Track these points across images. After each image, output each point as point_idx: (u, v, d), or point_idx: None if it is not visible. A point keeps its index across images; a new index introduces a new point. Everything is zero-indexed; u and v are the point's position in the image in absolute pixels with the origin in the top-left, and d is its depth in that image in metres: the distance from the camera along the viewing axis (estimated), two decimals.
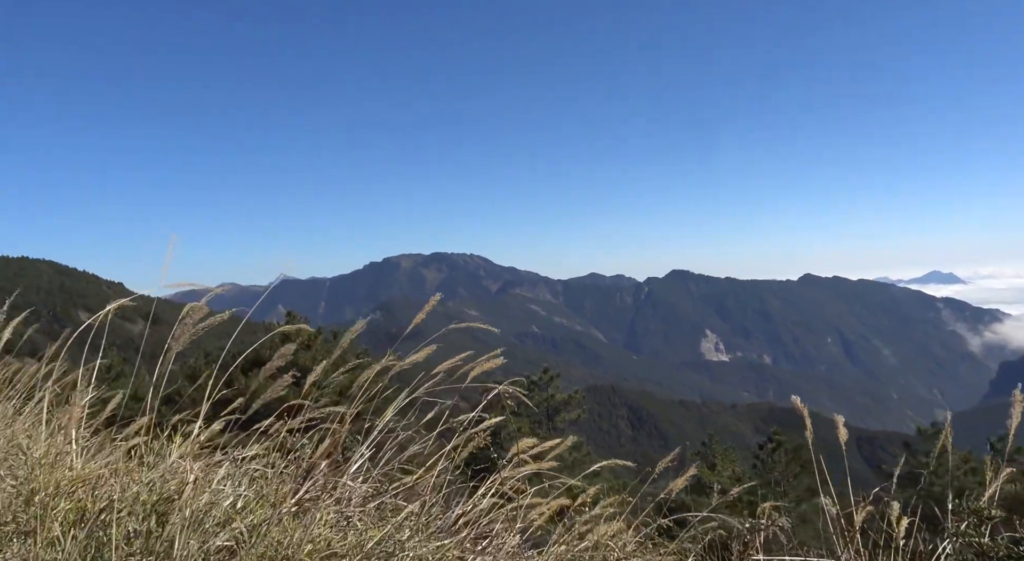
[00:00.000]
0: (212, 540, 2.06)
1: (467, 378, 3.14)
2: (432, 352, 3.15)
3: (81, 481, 2.27)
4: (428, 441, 2.91)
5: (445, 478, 2.72)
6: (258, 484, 2.52)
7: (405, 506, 2.60)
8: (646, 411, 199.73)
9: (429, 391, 2.89)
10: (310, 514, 2.28)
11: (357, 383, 2.76)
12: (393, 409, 2.76)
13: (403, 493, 2.73)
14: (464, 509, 2.63)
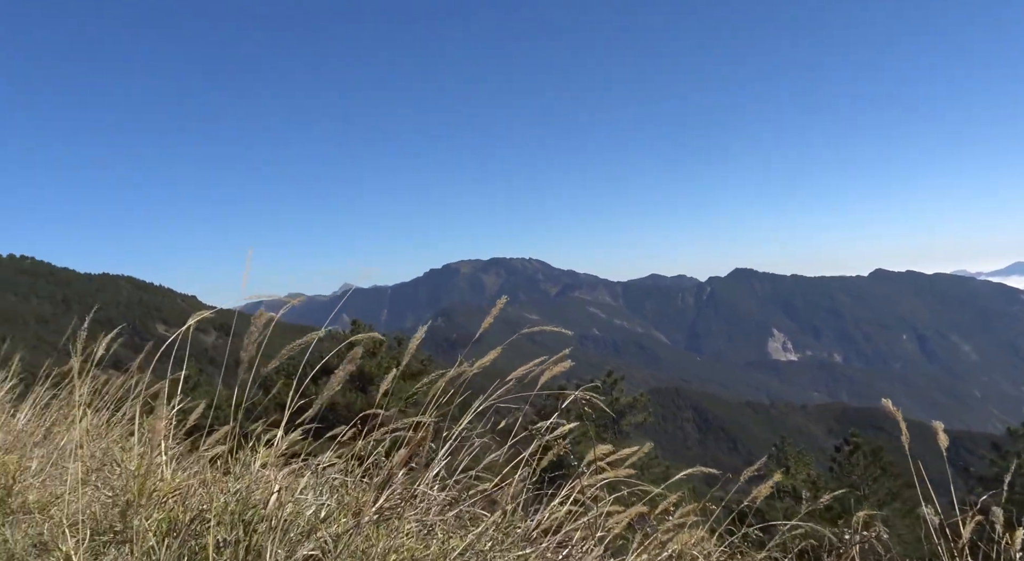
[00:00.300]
0: (299, 549, 2.08)
1: (537, 384, 3.12)
2: (496, 357, 3.14)
3: (172, 491, 2.33)
4: (504, 449, 2.90)
5: (524, 486, 2.70)
6: (339, 493, 2.55)
7: (484, 514, 2.60)
8: (712, 413, 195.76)
9: (502, 398, 2.88)
10: (391, 523, 2.29)
11: (432, 391, 2.77)
12: (469, 416, 2.76)
13: (481, 501, 2.72)
14: (542, 517, 2.61)
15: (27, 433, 5.52)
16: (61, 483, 4.05)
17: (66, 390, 6.04)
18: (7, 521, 3.28)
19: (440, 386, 2.85)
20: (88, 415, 3.34)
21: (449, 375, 2.84)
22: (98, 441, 3.29)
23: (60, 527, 2.59)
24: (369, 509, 2.33)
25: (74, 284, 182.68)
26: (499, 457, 2.88)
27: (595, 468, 2.85)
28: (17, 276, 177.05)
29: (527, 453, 2.79)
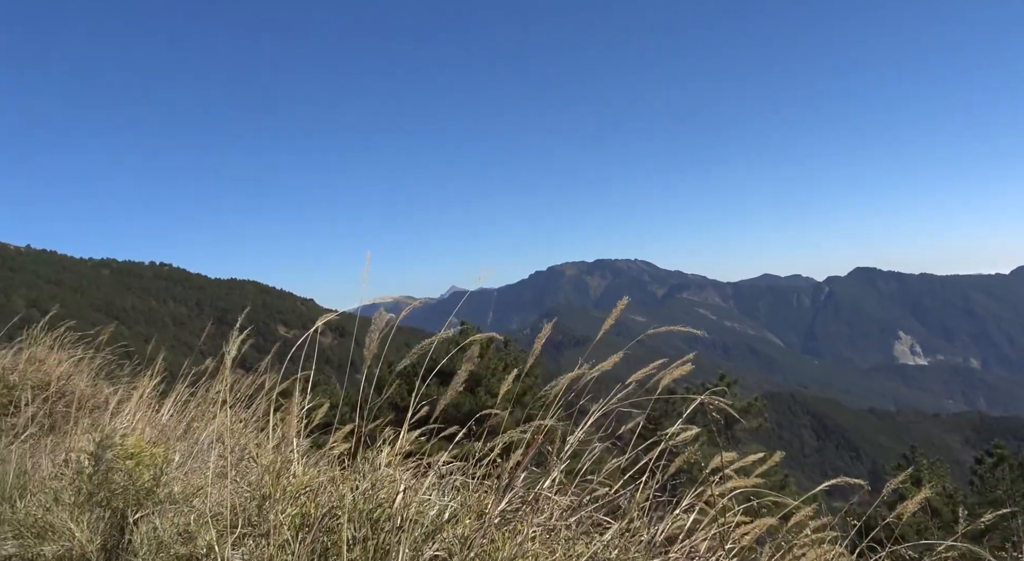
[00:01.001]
0: (425, 549, 2.10)
1: (656, 387, 3.03)
2: (591, 358, 3.08)
3: (304, 488, 2.42)
4: (625, 453, 2.83)
5: (648, 493, 2.62)
6: (461, 494, 2.56)
7: (607, 521, 2.54)
8: (832, 420, 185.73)
9: (623, 402, 2.81)
10: (513, 526, 2.28)
11: (552, 393, 2.74)
12: (589, 420, 2.71)
13: (603, 507, 2.66)
14: (666, 526, 2.52)
15: (170, 428, 5.95)
16: (201, 476, 4.32)
17: (203, 388, 6.47)
18: (156, 510, 3.53)
19: (560, 388, 2.81)
20: (228, 413, 3.54)
21: (570, 377, 2.80)
22: (233, 437, 3.47)
23: (203, 518, 2.76)
24: (492, 512, 2.32)
25: (206, 288, 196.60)
26: (621, 462, 2.81)
27: (721, 476, 2.73)
28: (157, 281, 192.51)
29: (651, 458, 2.71)
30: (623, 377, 3.21)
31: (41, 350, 10.65)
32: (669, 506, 2.70)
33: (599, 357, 3.11)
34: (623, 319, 3.02)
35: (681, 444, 2.69)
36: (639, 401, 3.06)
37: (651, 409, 3.10)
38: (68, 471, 4.58)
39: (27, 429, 7.24)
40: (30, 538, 3.74)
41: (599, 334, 2.81)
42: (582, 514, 2.56)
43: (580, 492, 2.80)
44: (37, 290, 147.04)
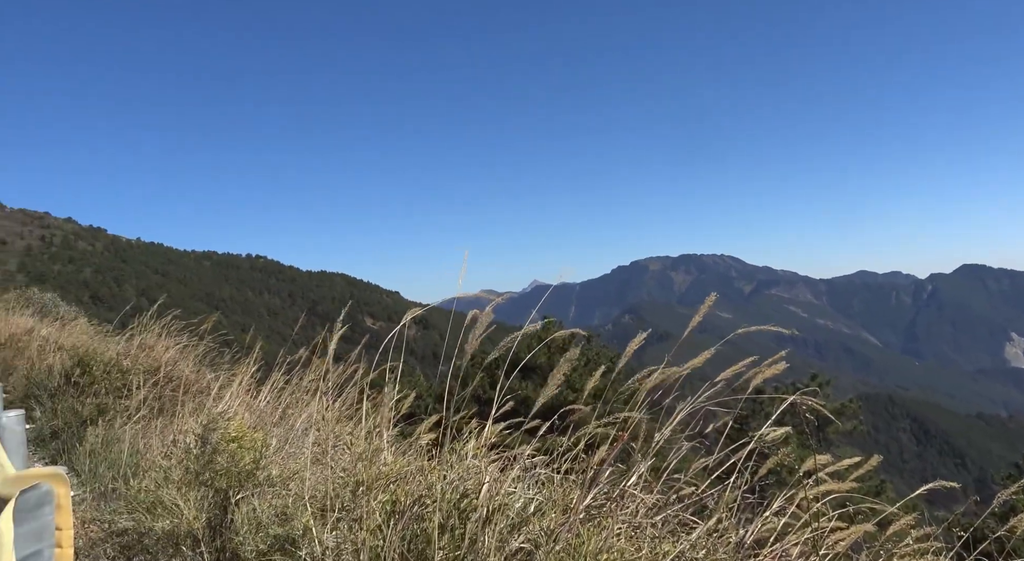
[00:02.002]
0: (512, 541, 2.14)
1: (746, 386, 2.95)
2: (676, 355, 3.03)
3: (394, 476, 2.49)
4: (712, 453, 2.78)
5: (737, 494, 2.56)
6: (547, 488, 2.59)
7: (693, 521, 2.50)
8: (934, 424, 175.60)
9: (711, 401, 2.76)
10: (596, 521, 2.28)
11: (642, 390, 2.72)
12: (676, 418, 2.67)
13: (690, 507, 2.63)
14: (756, 528, 2.46)
15: (267, 414, 6.24)
16: (296, 461, 4.52)
17: (297, 377, 6.75)
18: (255, 491, 3.72)
19: (646, 386, 2.79)
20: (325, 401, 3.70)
21: (655, 375, 2.77)
22: (325, 424, 3.62)
23: (300, 501, 2.89)
24: (578, 506, 2.33)
25: (298, 280, 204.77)
26: (708, 462, 2.76)
27: (814, 479, 2.63)
28: (253, 273, 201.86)
29: (739, 458, 2.65)
30: (708, 375, 3.15)
31: (150, 337, 11.38)
32: (758, 508, 2.64)
33: (683, 354, 3.05)
34: (709, 316, 2.99)
35: (771, 445, 2.61)
36: (726, 400, 3.00)
37: (739, 409, 3.03)
38: (177, 451, 4.89)
39: (139, 411, 7.76)
40: (142, 513, 4.01)
41: (685, 331, 2.76)
42: (668, 513, 2.54)
43: (666, 490, 2.77)
44: (146, 280, 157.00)
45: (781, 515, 2.62)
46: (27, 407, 7.95)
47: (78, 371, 9.38)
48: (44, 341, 13.21)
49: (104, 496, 5.29)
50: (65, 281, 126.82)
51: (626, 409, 3.05)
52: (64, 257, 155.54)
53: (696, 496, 2.67)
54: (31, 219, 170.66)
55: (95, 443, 6.60)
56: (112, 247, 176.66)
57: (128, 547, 4.17)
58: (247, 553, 3.25)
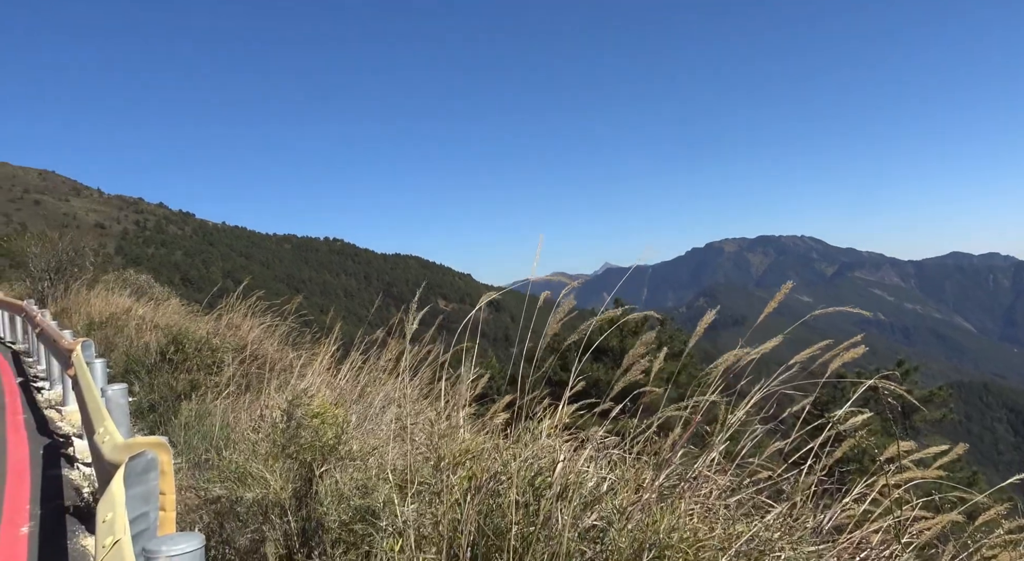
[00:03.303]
0: (585, 518, 2.18)
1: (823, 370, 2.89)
2: (752, 339, 2.97)
3: (470, 453, 2.57)
4: (788, 437, 2.74)
5: (814, 479, 2.52)
6: (619, 468, 2.61)
7: (768, 503, 2.48)
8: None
9: (787, 385, 2.71)
10: (669, 502, 2.29)
11: (715, 372, 2.70)
12: (750, 401, 2.65)
13: (765, 490, 2.61)
14: (834, 513, 2.42)
15: (346, 391, 6.48)
16: (375, 437, 4.69)
17: (374, 357, 6.97)
18: (338, 465, 3.89)
19: (722, 367, 2.76)
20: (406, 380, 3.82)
21: (731, 357, 2.74)
22: (405, 402, 3.74)
23: (381, 474, 3.01)
24: (650, 486, 2.35)
25: (373, 263, 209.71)
26: (784, 446, 2.72)
27: (898, 466, 2.56)
28: (331, 256, 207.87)
29: (816, 443, 2.60)
30: (785, 359, 3.09)
31: (237, 317, 11.92)
32: (837, 494, 2.59)
33: (760, 338, 3.01)
34: (788, 299, 2.90)
35: (850, 429, 2.55)
36: (803, 384, 2.94)
37: (817, 393, 2.97)
38: (264, 426, 5.14)
39: (228, 387, 8.18)
40: (234, 483, 4.25)
41: (761, 315, 2.72)
42: (742, 495, 2.52)
43: (740, 473, 2.75)
44: (231, 262, 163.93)
45: (861, 502, 2.56)
46: (127, 381, 8.50)
47: (172, 349, 9.94)
48: (141, 320, 14.03)
49: (198, 466, 5.61)
50: (158, 263, 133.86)
51: (699, 392, 3.04)
52: (157, 240, 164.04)
53: (771, 480, 2.64)
54: (127, 205, 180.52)
55: (189, 416, 7.00)
56: (200, 231, 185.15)
57: (221, 514, 4.43)
58: (331, 522, 3.41)
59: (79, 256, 20.04)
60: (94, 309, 15.52)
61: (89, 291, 17.85)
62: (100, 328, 13.63)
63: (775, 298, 2.65)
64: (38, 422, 7.57)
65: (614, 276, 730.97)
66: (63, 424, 7.81)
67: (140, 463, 2.49)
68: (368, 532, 3.03)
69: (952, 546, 2.47)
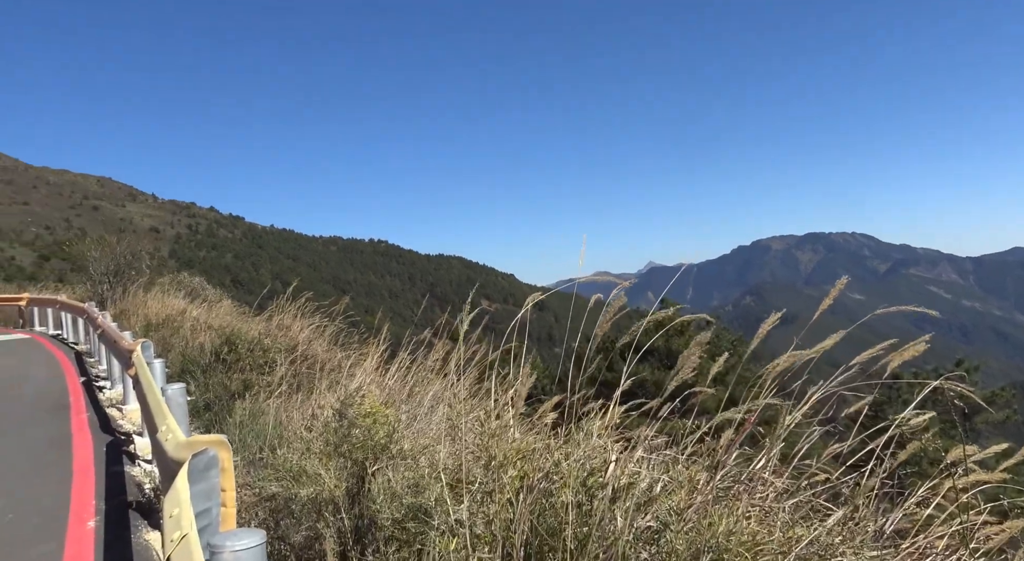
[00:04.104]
0: (639, 519, 2.16)
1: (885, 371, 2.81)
2: (803, 338, 2.91)
3: (521, 453, 2.58)
4: (846, 439, 2.68)
5: (875, 482, 2.46)
6: (673, 469, 2.59)
7: (827, 507, 2.43)
8: None
9: (845, 385, 2.65)
10: (727, 503, 2.26)
11: (770, 373, 2.66)
12: (807, 402, 2.60)
13: (823, 493, 2.55)
14: (896, 517, 2.36)
15: (395, 391, 6.56)
16: (425, 436, 4.74)
17: (421, 357, 7.05)
18: (390, 464, 3.95)
19: (777, 369, 2.72)
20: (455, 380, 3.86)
21: (787, 359, 2.70)
22: (456, 401, 3.77)
23: (433, 473, 3.04)
24: (704, 488, 2.33)
25: (417, 263, 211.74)
26: (841, 448, 2.66)
27: (963, 470, 2.48)
28: (375, 257, 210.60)
29: (877, 445, 2.54)
30: (837, 359, 3.02)
31: (287, 318, 12.17)
32: (898, 498, 2.52)
33: (810, 337, 2.94)
34: (839, 296, 2.83)
35: (912, 431, 2.48)
36: (859, 385, 2.87)
37: (875, 394, 2.89)
38: (317, 424, 5.24)
39: (280, 386, 8.36)
40: (289, 481, 4.35)
41: (816, 313, 2.66)
42: (800, 498, 2.48)
43: (796, 476, 2.70)
44: (279, 264, 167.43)
45: (924, 506, 2.49)
46: (183, 381, 8.75)
47: (226, 349, 10.20)
48: (195, 321, 14.44)
49: (252, 463, 5.75)
50: (209, 266, 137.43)
51: (752, 392, 2.99)
52: (208, 244, 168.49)
53: (830, 483, 2.58)
54: (180, 209, 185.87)
55: (243, 415, 7.18)
56: (249, 234, 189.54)
57: (276, 511, 4.53)
58: (383, 520, 3.46)
59: (136, 260, 20.71)
60: (151, 311, 16.03)
61: (146, 293, 18.44)
62: (157, 329, 14.07)
63: (830, 295, 2.60)
64: (100, 420, 7.85)
65: (658, 275, 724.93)
66: (124, 422, 8.08)
67: (202, 460, 2.56)
68: (421, 530, 3.07)
69: (1023, 553, 2.38)
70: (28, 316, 20.19)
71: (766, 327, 2.74)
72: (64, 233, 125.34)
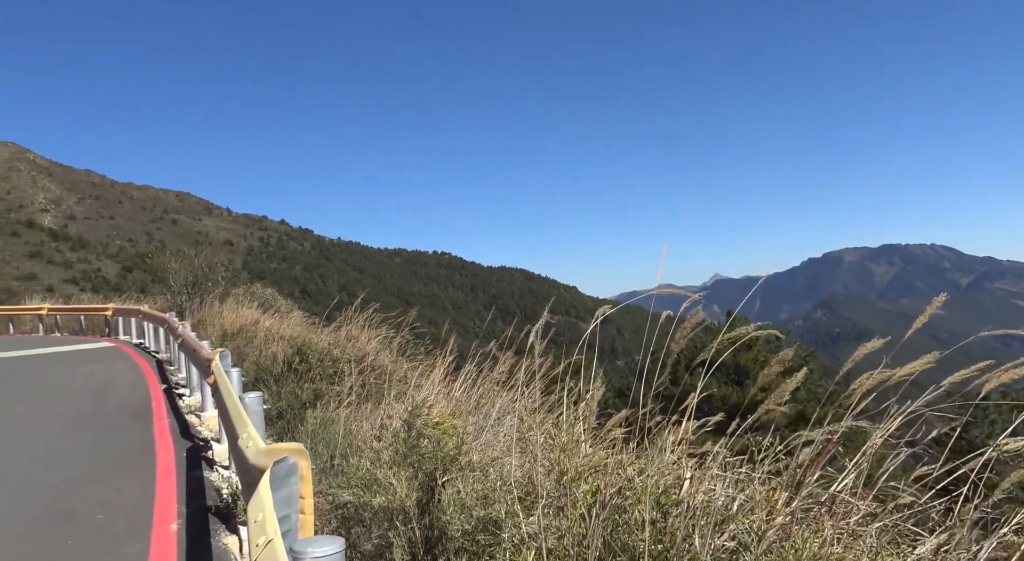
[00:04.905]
0: (716, 538, 2.12)
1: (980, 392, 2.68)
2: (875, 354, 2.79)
3: (593, 468, 2.57)
4: (935, 461, 2.56)
5: (970, 507, 2.35)
6: (748, 488, 2.53)
7: (916, 532, 2.33)
8: None
9: (934, 406, 2.54)
10: (810, 524, 2.19)
11: (857, 392, 2.57)
12: (895, 421, 2.50)
13: (911, 517, 2.45)
14: (991, 545, 2.24)
15: (462, 402, 6.62)
16: (493, 448, 4.77)
17: (487, 368, 7.09)
18: (459, 475, 3.99)
19: (863, 388, 2.63)
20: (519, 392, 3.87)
21: (872, 378, 2.60)
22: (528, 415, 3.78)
23: (505, 485, 3.06)
24: (786, 508, 2.26)
25: (480, 275, 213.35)
26: (931, 471, 2.55)
27: None
28: (439, 269, 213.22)
29: (971, 469, 2.42)
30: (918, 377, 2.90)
31: (355, 329, 12.45)
32: (993, 524, 2.39)
33: (886, 352, 2.83)
34: (915, 311, 2.69)
35: (1008, 456, 2.35)
36: (944, 406, 2.75)
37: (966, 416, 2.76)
38: (386, 434, 5.34)
39: (349, 396, 8.54)
40: (361, 489, 4.43)
41: (908, 332, 2.55)
42: (887, 521, 2.38)
43: (880, 499, 2.60)
44: (346, 276, 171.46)
45: (1021, 533, 2.36)
46: (257, 389, 9.04)
47: (297, 359, 10.50)
48: (268, 331, 14.92)
49: (324, 472, 5.88)
50: (280, 277, 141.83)
51: (831, 411, 2.90)
52: (279, 256, 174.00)
53: (918, 506, 2.47)
54: (252, 222, 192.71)
55: (314, 424, 7.36)
56: (318, 246, 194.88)
57: (348, 519, 4.63)
58: (454, 531, 3.49)
59: (212, 271, 21.56)
60: (226, 321, 16.64)
61: (221, 304, 19.16)
62: (232, 339, 14.60)
63: (925, 312, 2.48)
64: (180, 426, 8.18)
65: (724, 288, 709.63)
66: (202, 428, 8.40)
67: (283, 468, 2.64)
68: (491, 542, 3.08)
69: None
70: (113, 325, 21.24)
71: (863, 351, 2.64)
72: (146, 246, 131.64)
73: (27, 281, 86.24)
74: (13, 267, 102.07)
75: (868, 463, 2.61)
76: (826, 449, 2.48)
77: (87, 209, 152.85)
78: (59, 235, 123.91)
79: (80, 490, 5.71)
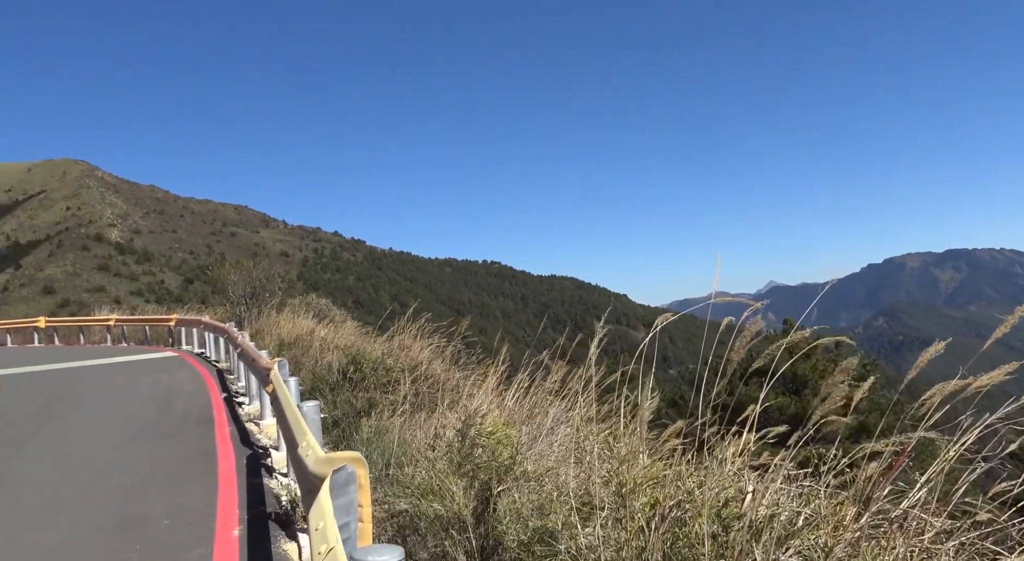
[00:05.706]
0: (781, 554, 2.06)
1: None
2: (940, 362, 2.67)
3: (652, 479, 2.53)
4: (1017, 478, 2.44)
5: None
6: (814, 502, 2.46)
7: (995, 551, 2.22)
8: None
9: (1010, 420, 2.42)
10: (882, 541, 2.11)
11: (929, 402, 2.47)
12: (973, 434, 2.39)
13: (991, 536, 2.33)
14: None
15: (515, 412, 6.61)
16: (545, 458, 4.74)
17: (540, 378, 7.07)
18: (515, 484, 3.98)
19: (935, 399, 2.52)
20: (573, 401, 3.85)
21: (947, 388, 2.50)
22: (584, 425, 3.75)
23: (562, 496, 3.03)
24: (852, 524, 2.19)
25: (530, 284, 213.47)
26: (1012, 487, 2.43)
27: None
28: (489, 278, 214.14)
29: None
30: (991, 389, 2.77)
31: (407, 338, 12.57)
32: None
33: (954, 360, 2.71)
34: (986, 319, 2.52)
35: None
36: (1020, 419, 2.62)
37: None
38: (440, 444, 5.37)
39: (403, 404, 8.63)
40: (417, 498, 4.46)
41: (988, 341, 2.44)
42: (963, 539, 2.27)
43: (954, 516, 2.49)
44: (398, 286, 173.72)
45: None
46: (314, 398, 9.20)
47: (351, 368, 10.66)
48: (323, 341, 15.20)
49: (379, 480, 5.95)
50: (333, 287, 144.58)
51: (899, 421, 2.79)
52: (332, 267, 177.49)
53: (997, 524, 2.36)
54: (307, 234, 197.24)
55: (369, 432, 7.45)
56: (370, 257, 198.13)
57: (403, 527, 4.66)
58: (509, 541, 3.48)
59: (269, 282, 22.10)
60: (283, 331, 17.02)
61: (278, 314, 19.61)
62: (289, 348, 14.92)
63: (1008, 319, 2.35)
64: (240, 434, 8.39)
65: (780, 295, 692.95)
66: (261, 436, 8.59)
67: (342, 476, 2.68)
68: (547, 553, 3.06)
69: None
70: (177, 335, 21.96)
71: (926, 356, 2.54)
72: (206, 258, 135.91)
73: (96, 293, 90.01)
74: (84, 280, 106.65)
75: (940, 478, 2.50)
76: (897, 462, 2.39)
77: (151, 223, 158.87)
78: (125, 249, 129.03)
79: (147, 496, 5.91)
